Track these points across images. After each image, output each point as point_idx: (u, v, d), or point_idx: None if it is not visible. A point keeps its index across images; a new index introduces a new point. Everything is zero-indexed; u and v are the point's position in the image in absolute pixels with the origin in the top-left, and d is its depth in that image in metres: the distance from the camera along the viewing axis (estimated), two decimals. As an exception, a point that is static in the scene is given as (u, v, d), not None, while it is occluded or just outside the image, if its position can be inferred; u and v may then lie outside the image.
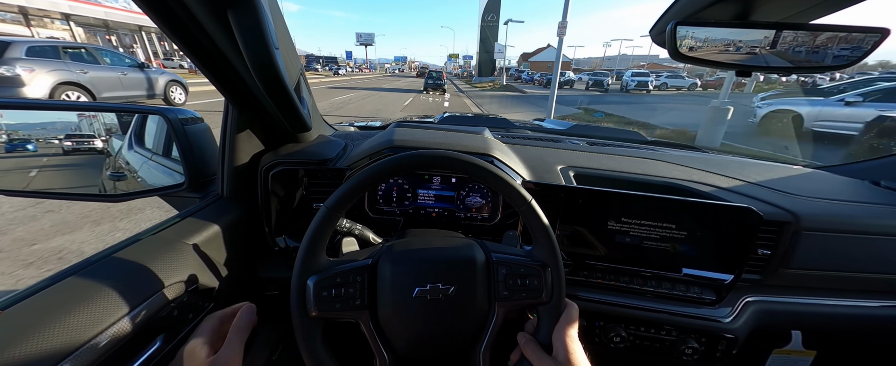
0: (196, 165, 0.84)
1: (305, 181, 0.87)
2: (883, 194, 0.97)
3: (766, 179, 0.99)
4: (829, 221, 0.81)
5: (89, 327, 0.44)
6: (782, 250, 0.81)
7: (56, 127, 1.05)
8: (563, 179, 0.90)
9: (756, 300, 0.83)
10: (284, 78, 0.59)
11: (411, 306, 0.52)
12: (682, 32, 0.54)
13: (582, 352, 0.49)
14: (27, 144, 0.96)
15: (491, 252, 0.56)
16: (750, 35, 0.52)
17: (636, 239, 0.78)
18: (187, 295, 0.59)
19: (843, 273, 0.84)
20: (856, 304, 0.84)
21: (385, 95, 17.18)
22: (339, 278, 0.50)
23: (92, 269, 0.52)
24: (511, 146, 1.04)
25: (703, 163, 1.08)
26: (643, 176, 0.94)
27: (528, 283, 0.52)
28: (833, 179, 1.08)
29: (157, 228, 0.66)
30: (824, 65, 0.51)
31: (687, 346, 0.78)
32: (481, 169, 0.52)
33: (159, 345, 0.54)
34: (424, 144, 0.88)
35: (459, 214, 0.92)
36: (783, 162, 1.27)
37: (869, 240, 0.82)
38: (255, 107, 0.75)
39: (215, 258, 0.69)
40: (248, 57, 0.52)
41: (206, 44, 0.57)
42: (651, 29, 0.65)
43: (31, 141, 0.96)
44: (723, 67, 0.55)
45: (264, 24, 0.50)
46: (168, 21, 0.52)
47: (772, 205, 0.84)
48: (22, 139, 0.97)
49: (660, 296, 0.80)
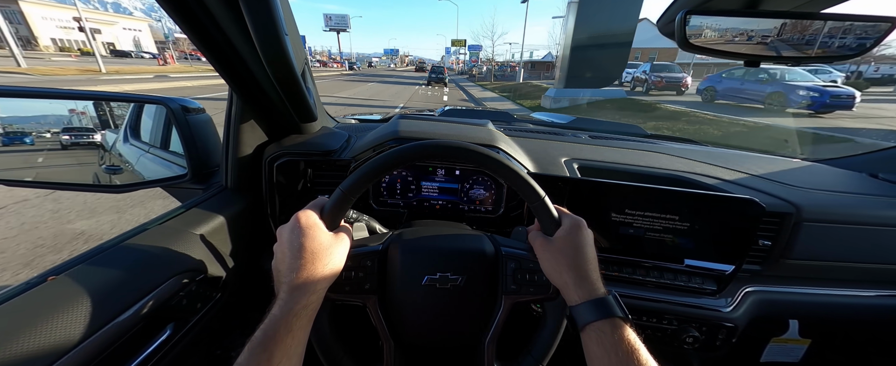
0: (199, 156, 0.83)
1: (309, 172, 0.86)
2: (881, 186, 0.99)
3: (768, 172, 1.00)
4: (829, 213, 0.83)
5: (99, 315, 0.44)
6: (783, 241, 0.82)
7: (48, 120, 1.04)
8: (567, 172, 0.90)
9: (755, 290, 0.84)
10: (294, 66, 0.58)
11: (420, 293, 0.52)
12: (693, 22, 0.54)
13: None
14: (24, 138, 0.95)
15: (501, 246, 0.57)
16: (760, 24, 0.52)
17: (639, 231, 0.79)
18: (195, 284, 0.59)
19: (841, 263, 0.85)
20: (852, 293, 0.86)
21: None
22: (350, 262, 0.50)
23: (100, 257, 0.52)
24: (514, 139, 1.04)
25: (704, 155, 1.09)
26: (647, 168, 0.95)
27: (537, 278, 0.53)
28: (832, 172, 1.09)
29: (163, 217, 0.66)
30: (833, 54, 0.51)
31: (688, 335, 0.80)
32: (498, 163, 0.51)
33: (169, 334, 0.54)
34: (429, 135, 0.88)
35: (463, 207, 0.92)
36: (783, 155, 1.28)
37: (867, 231, 0.83)
38: (259, 98, 0.75)
39: (221, 249, 0.69)
40: (259, 43, 0.52)
41: (214, 32, 0.57)
42: (659, 18, 0.65)
43: (28, 134, 0.95)
44: (732, 57, 0.55)
45: (275, 10, 0.49)
46: (178, 9, 0.51)
47: (773, 196, 0.85)
48: (19, 132, 0.96)
49: (662, 286, 0.81)
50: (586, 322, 0.44)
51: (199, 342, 0.62)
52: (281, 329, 0.39)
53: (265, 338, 0.38)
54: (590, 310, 0.44)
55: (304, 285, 0.41)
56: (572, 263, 0.47)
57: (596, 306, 0.44)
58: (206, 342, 0.65)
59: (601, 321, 0.43)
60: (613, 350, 0.41)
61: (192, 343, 0.59)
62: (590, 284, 0.46)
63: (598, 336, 0.42)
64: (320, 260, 0.43)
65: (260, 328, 0.39)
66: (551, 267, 0.49)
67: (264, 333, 0.38)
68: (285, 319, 0.39)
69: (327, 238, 0.45)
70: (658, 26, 0.67)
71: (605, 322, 0.43)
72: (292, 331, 0.39)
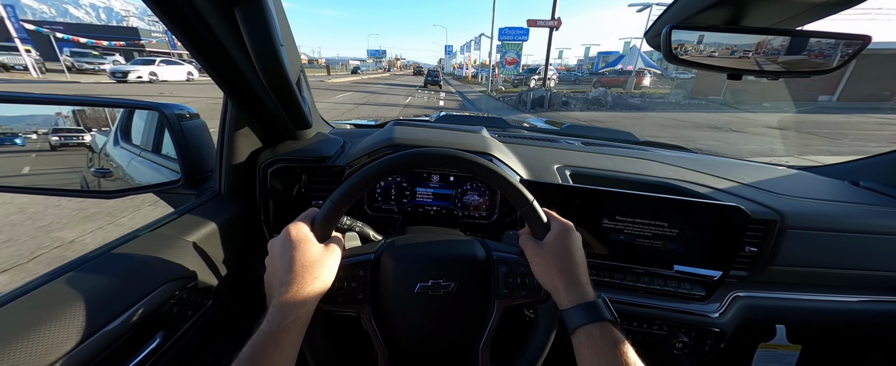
0: (192, 162, 0.83)
1: (304, 179, 0.87)
2: (862, 194, 1.02)
3: (754, 180, 1.02)
4: (812, 220, 0.85)
5: (88, 324, 0.44)
6: (769, 248, 0.84)
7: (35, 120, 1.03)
8: (559, 178, 0.91)
9: (743, 296, 0.86)
10: (289, 74, 0.59)
11: (413, 301, 0.52)
12: (677, 36, 0.56)
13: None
14: (14, 139, 0.93)
15: (492, 250, 0.57)
16: (742, 39, 0.54)
17: (630, 237, 0.80)
18: (187, 292, 0.59)
19: (824, 270, 0.87)
20: (836, 299, 0.88)
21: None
22: (342, 272, 0.50)
23: (90, 265, 0.51)
24: (508, 145, 1.05)
25: (693, 163, 1.12)
26: (637, 175, 0.97)
27: (528, 282, 0.53)
28: (816, 180, 1.12)
29: (154, 224, 0.65)
30: (810, 69, 0.53)
31: (677, 340, 0.81)
32: (487, 170, 0.52)
33: (159, 342, 0.53)
34: (424, 142, 0.89)
35: (458, 212, 0.93)
36: (770, 163, 1.32)
37: (849, 238, 0.86)
38: (254, 104, 0.75)
39: (214, 256, 0.69)
40: (255, 53, 0.52)
41: (209, 40, 0.57)
42: (645, 32, 0.67)
43: (18, 135, 0.94)
44: (716, 70, 0.57)
45: (270, 21, 0.50)
46: (173, 18, 0.52)
47: (759, 204, 0.87)
48: (8, 133, 0.95)
49: (651, 292, 0.82)
50: (576, 326, 0.44)
51: (190, 350, 0.61)
52: (269, 345, 0.38)
53: (253, 353, 0.38)
54: (579, 313, 0.45)
55: (293, 299, 0.41)
56: (562, 267, 0.48)
57: (585, 309, 0.45)
58: (196, 350, 0.64)
59: (590, 325, 0.44)
60: (602, 353, 0.42)
61: (183, 351, 0.58)
62: (579, 287, 0.47)
63: (588, 339, 0.43)
64: (310, 273, 0.43)
65: (248, 344, 0.39)
66: (542, 271, 0.50)
67: (252, 348, 0.38)
68: (274, 333, 0.39)
69: (318, 251, 0.45)
70: (646, 39, 0.69)
71: (594, 326, 0.44)
72: (281, 346, 0.39)
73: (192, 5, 0.50)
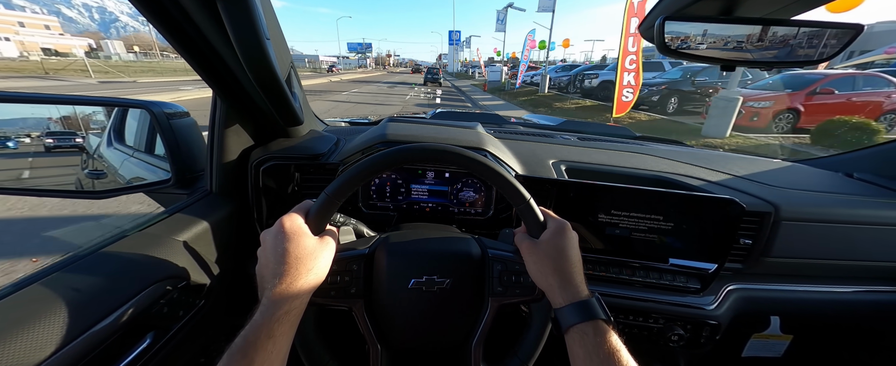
0: (183, 161, 0.82)
1: (297, 177, 0.86)
2: (855, 185, 1.02)
3: (748, 173, 1.02)
4: (806, 212, 0.85)
5: (76, 324, 0.43)
6: (763, 240, 0.85)
7: (28, 123, 1.01)
8: (554, 173, 0.91)
9: (738, 288, 0.86)
10: (276, 70, 0.58)
11: (406, 296, 0.52)
12: (670, 28, 0.55)
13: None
14: (7, 142, 0.92)
15: (487, 248, 0.57)
16: (735, 30, 0.54)
17: (625, 231, 0.80)
18: (177, 292, 0.58)
19: (819, 261, 0.88)
20: (830, 290, 0.89)
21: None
22: (336, 266, 0.49)
23: (79, 264, 0.50)
24: (503, 141, 1.05)
25: (688, 157, 1.12)
26: (632, 169, 0.97)
27: (523, 280, 0.53)
28: (810, 172, 1.13)
29: (143, 223, 0.64)
30: (802, 59, 0.53)
31: (673, 333, 0.81)
32: (484, 166, 0.51)
33: (149, 342, 0.53)
34: (418, 138, 0.88)
35: (453, 209, 0.92)
36: (765, 156, 1.32)
37: (842, 229, 0.86)
38: (244, 101, 0.74)
39: (205, 255, 0.68)
40: (239, 49, 0.51)
41: (194, 35, 0.56)
42: (639, 24, 0.67)
43: (10, 138, 0.92)
44: (709, 62, 0.56)
45: (255, 14, 0.49)
46: (156, 12, 0.51)
47: (753, 196, 0.87)
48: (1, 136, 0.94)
49: (647, 285, 0.83)
50: (569, 324, 0.44)
51: (182, 351, 0.61)
52: (262, 335, 0.38)
53: (245, 344, 0.37)
54: (573, 312, 0.45)
55: (287, 291, 0.41)
56: (557, 266, 0.48)
57: (579, 308, 0.45)
58: (188, 351, 0.64)
59: (584, 324, 0.44)
60: (595, 352, 0.41)
61: (174, 352, 0.58)
62: (574, 286, 0.47)
63: (581, 338, 0.43)
64: (304, 265, 0.43)
65: (241, 334, 0.38)
66: (537, 269, 0.50)
67: (245, 338, 0.38)
68: (267, 324, 0.39)
69: (312, 243, 0.45)
70: (640, 31, 0.69)
71: (587, 324, 0.43)
72: (274, 337, 0.39)
73: (175, 1, 0.49)
